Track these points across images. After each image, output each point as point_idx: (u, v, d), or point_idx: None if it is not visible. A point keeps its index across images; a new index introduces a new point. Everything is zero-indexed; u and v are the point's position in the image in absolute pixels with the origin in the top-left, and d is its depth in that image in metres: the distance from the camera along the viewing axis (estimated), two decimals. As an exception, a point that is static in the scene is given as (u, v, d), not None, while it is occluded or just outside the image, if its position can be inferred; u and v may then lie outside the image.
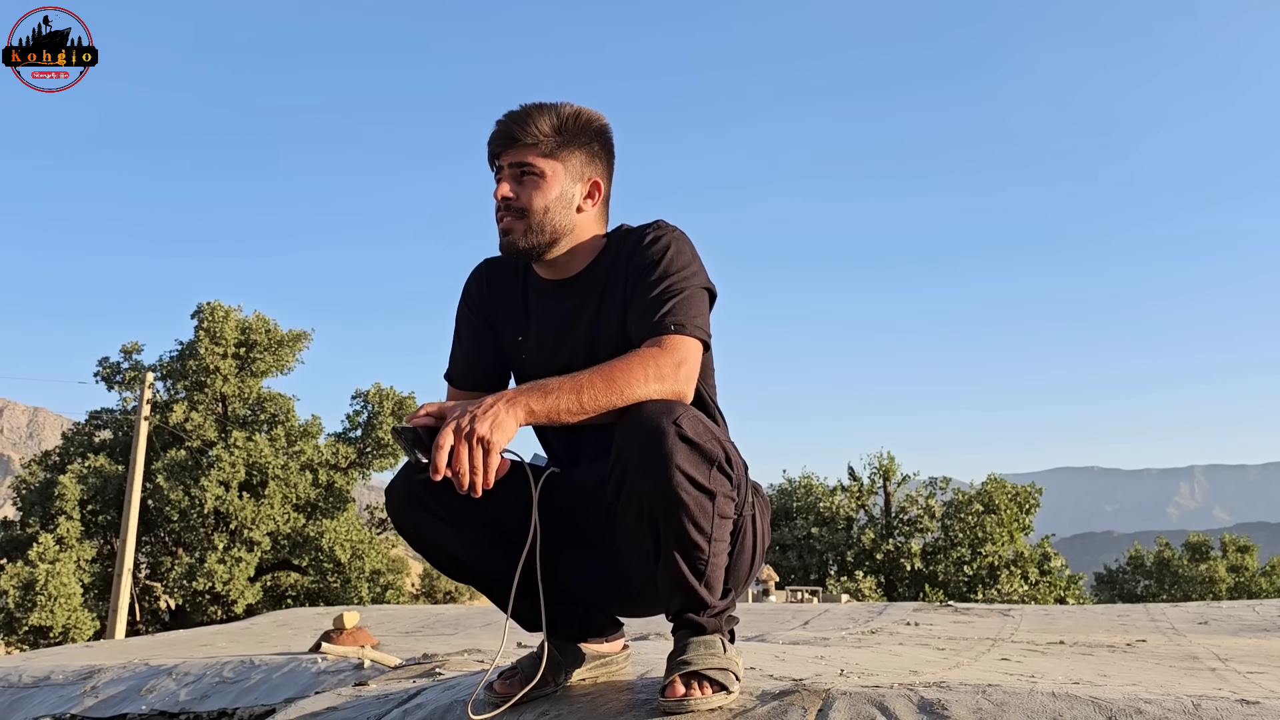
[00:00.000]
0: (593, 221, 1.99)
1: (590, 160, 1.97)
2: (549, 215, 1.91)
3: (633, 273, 1.90)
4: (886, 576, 28.73)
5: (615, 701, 1.92)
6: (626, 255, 1.93)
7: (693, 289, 1.86)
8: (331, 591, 23.96)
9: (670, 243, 1.90)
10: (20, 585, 21.57)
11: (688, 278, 1.86)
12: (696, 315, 1.84)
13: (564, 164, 1.93)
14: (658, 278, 1.85)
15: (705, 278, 1.90)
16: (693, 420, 1.71)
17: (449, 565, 1.95)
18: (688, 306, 1.83)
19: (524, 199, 1.90)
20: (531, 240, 1.91)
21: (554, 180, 1.92)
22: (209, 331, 24.85)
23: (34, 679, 4.06)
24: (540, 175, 1.91)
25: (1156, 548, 37.84)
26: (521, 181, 1.91)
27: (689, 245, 1.92)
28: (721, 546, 1.78)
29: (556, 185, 1.92)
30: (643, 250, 1.90)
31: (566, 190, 1.93)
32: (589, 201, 1.96)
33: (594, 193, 1.97)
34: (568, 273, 1.98)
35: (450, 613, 8.04)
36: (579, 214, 1.95)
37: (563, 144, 1.93)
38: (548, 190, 1.91)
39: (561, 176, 1.93)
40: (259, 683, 3.40)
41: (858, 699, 1.77)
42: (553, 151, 1.92)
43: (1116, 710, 1.65)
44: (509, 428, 1.67)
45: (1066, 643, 4.03)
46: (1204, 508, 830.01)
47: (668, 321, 1.81)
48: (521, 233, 1.91)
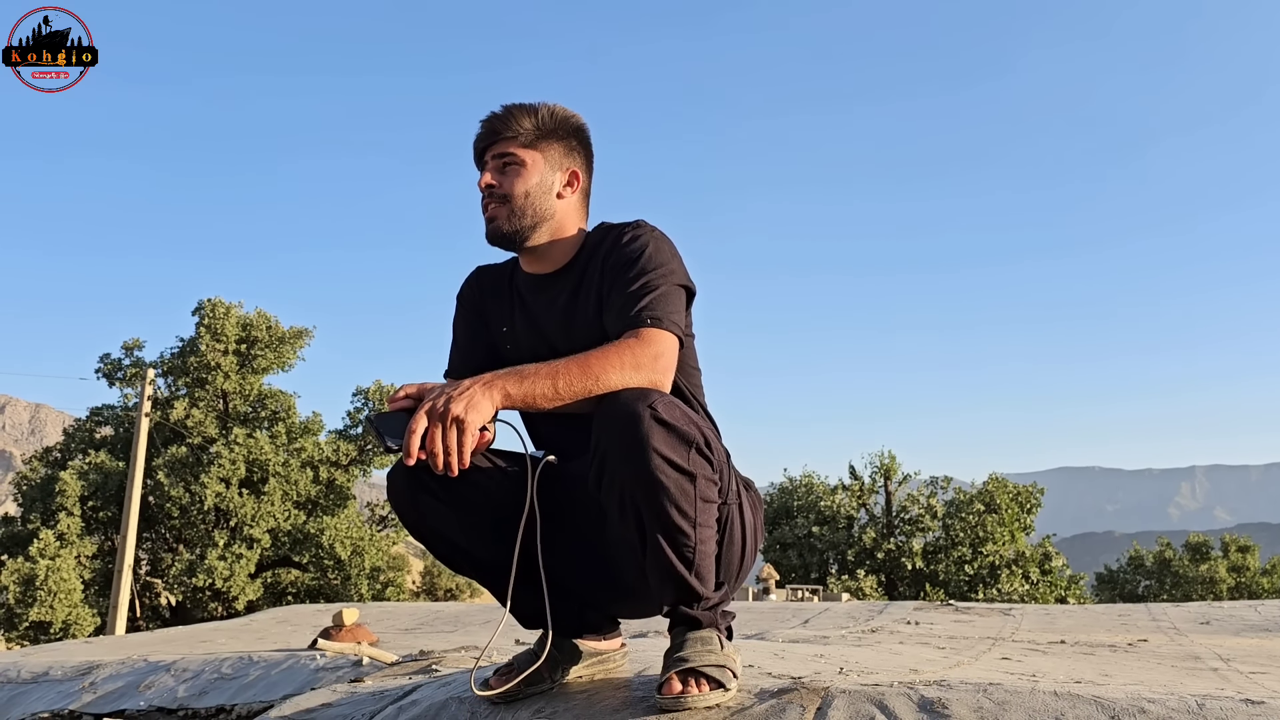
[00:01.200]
0: (573, 211, 2.04)
1: (568, 152, 2.04)
2: (530, 200, 1.98)
3: (610, 269, 1.94)
4: (887, 575, 28.73)
5: (612, 699, 1.91)
6: (605, 251, 1.97)
7: (670, 286, 1.89)
8: (332, 588, 23.96)
9: (649, 241, 1.94)
10: (21, 581, 21.58)
11: (665, 275, 1.90)
12: (674, 311, 1.88)
13: (543, 154, 2.01)
14: (635, 274, 1.89)
15: (683, 276, 1.94)
16: (669, 405, 1.73)
17: (450, 554, 1.96)
18: (665, 303, 1.87)
19: (506, 185, 1.98)
20: (514, 224, 1.98)
21: (534, 168, 1.99)
22: (210, 328, 24.85)
23: (33, 675, 4.05)
24: (521, 164, 1.99)
25: (1158, 548, 37.86)
26: (504, 171, 1.99)
27: (668, 244, 1.96)
28: (708, 533, 1.78)
29: (536, 173, 1.99)
30: (621, 247, 1.95)
31: (546, 178, 2.00)
32: (569, 189, 2.03)
33: (573, 181, 2.04)
34: (549, 265, 2.04)
35: (450, 610, 8.04)
36: (559, 200, 2.01)
37: (541, 136, 2.01)
38: (528, 177, 1.99)
39: (541, 165, 2.00)
40: (257, 679, 3.39)
41: (857, 697, 1.75)
42: (532, 143, 2.00)
43: (1120, 710, 1.64)
44: (484, 409, 1.69)
45: (1068, 642, 4.02)
46: (1205, 508, 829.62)
47: (645, 315, 1.84)
48: (505, 217, 1.98)
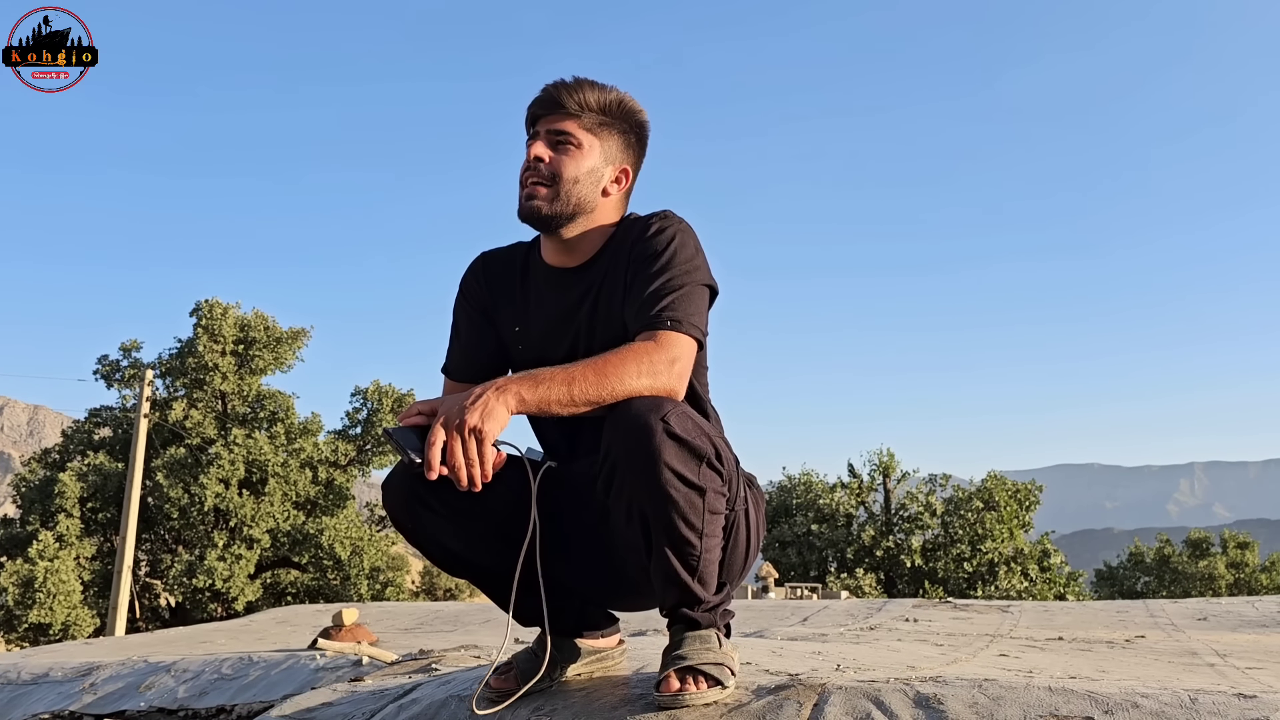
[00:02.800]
0: (612, 208, 1.96)
1: (625, 148, 1.95)
2: (577, 187, 1.88)
3: (634, 261, 1.86)
4: (886, 573, 28.74)
5: (611, 696, 1.92)
6: (630, 243, 1.89)
7: (693, 285, 1.83)
8: (331, 589, 23.95)
9: (675, 234, 1.86)
10: (20, 582, 21.56)
11: (689, 272, 1.83)
12: (694, 313, 1.81)
13: (601, 142, 1.91)
14: (659, 270, 1.82)
15: (707, 274, 1.87)
16: (681, 417, 1.68)
17: (448, 561, 1.93)
18: (686, 303, 1.80)
19: (556, 164, 1.87)
20: (555, 209, 1.87)
21: (589, 154, 1.89)
22: (208, 329, 24.82)
23: (33, 676, 4.06)
24: (578, 146, 1.88)
25: (1157, 544, 37.86)
26: (557, 148, 1.88)
27: (693, 238, 1.88)
28: (714, 542, 1.76)
29: (590, 160, 1.89)
30: (646, 240, 1.86)
31: (598, 168, 1.90)
32: (615, 186, 1.94)
33: (621, 178, 1.95)
34: (574, 259, 1.95)
35: (449, 609, 8.04)
36: (604, 196, 1.93)
37: (604, 123, 1.91)
38: (581, 161, 1.88)
39: (597, 153, 1.90)
40: (257, 679, 3.40)
41: (853, 694, 1.76)
42: (593, 127, 1.90)
43: (1113, 704, 1.65)
44: (500, 416, 1.65)
45: (1065, 639, 4.03)
46: (1204, 504, 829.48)
47: (665, 316, 1.78)
48: (547, 199, 1.87)
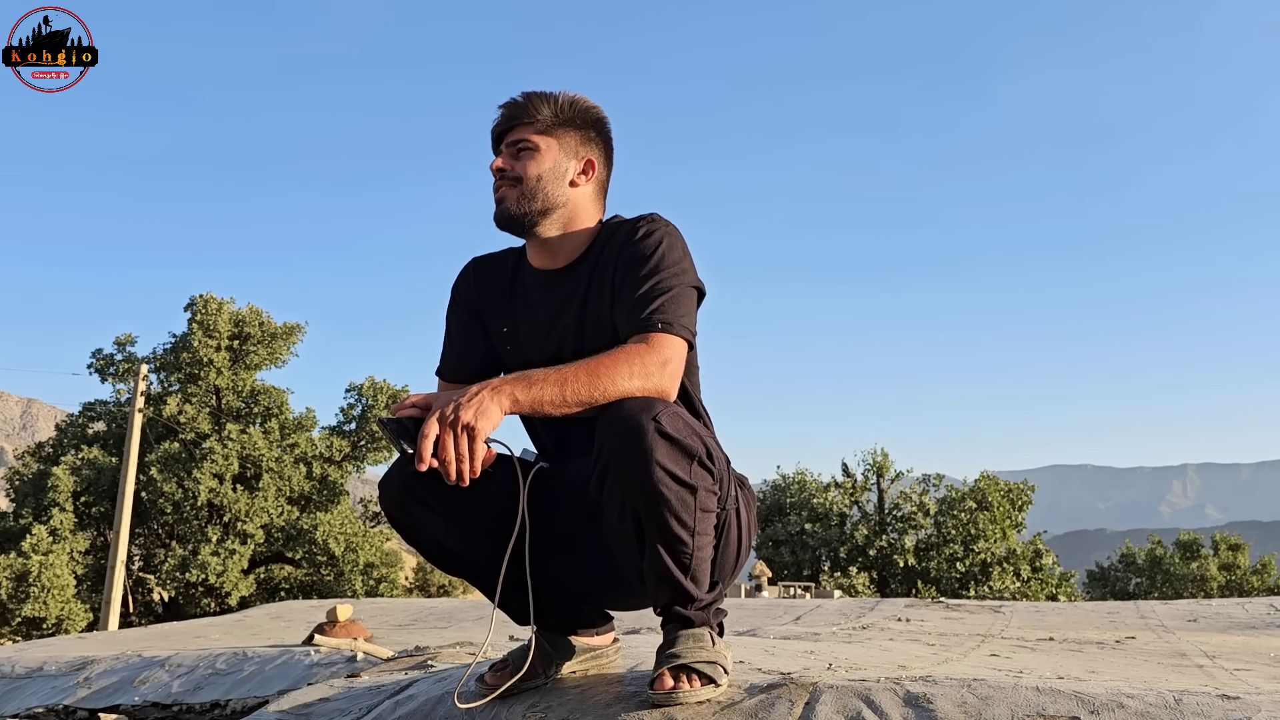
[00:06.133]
0: (588, 202, 1.99)
1: (585, 141, 1.99)
2: (541, 183, 1.93)
3: (622, 264, 1.89)
4: (879, 573, 28.80)
5: (604, 694, 1.94)
6: (617, 246, 1.93)
7: (681, 287, 1.85)
8: (325, 584, 23.94)
9: (662, 237, 1.89)
10: (13, 577, 21.53)
11: (677, 275, 1.86)
12: (684, 314, 1.84)
13: (559, 140, 1.96)
14: (647, 273, 1.85)
15: (694, 276, 1.90)
16: (672, 416, 1.71)
17: (441, 557, 1.95)
18: (675, 305, 1.83)
19: (518, 169, 1.94)
20: (524, 207, 1.93)
21: (548, 153, 1.95)
22: (202, 324, 24.78)
23: (27, 670, 4.06)
24: (535, 149, 1.95)
25: (1149, 545, 37.95)
26: (518, 156, 1.95)
27: (680, 241, 1.91)
28: (705, 540, 1.79)
29: (550, 158, 1.95)
30: (634, 243, 1.89)
31: (560, 163, 1.96)
32: (583, 177, 1.98)
33: (589, 169, 1.98)
34: (559, 260, 1.98)
35: (443, 606, 8.06)
36: (573, 188, 1.96)
37: (559, 123, 1.96)
38: (541, 161, 1.94)
39: (556, 150, 1.96)
40: (252, 674, 3.41)
41: (844, 692, 1.79)
42: (548, 129, 1.96)
43: (1099, 704, 1.67)
44: (494, 415, 1.68)
45: (1056, 639, 4.05)
46: (1196, 506, 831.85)
47: (655, 319, 1.81)
48: (514, 199, 1.93)
